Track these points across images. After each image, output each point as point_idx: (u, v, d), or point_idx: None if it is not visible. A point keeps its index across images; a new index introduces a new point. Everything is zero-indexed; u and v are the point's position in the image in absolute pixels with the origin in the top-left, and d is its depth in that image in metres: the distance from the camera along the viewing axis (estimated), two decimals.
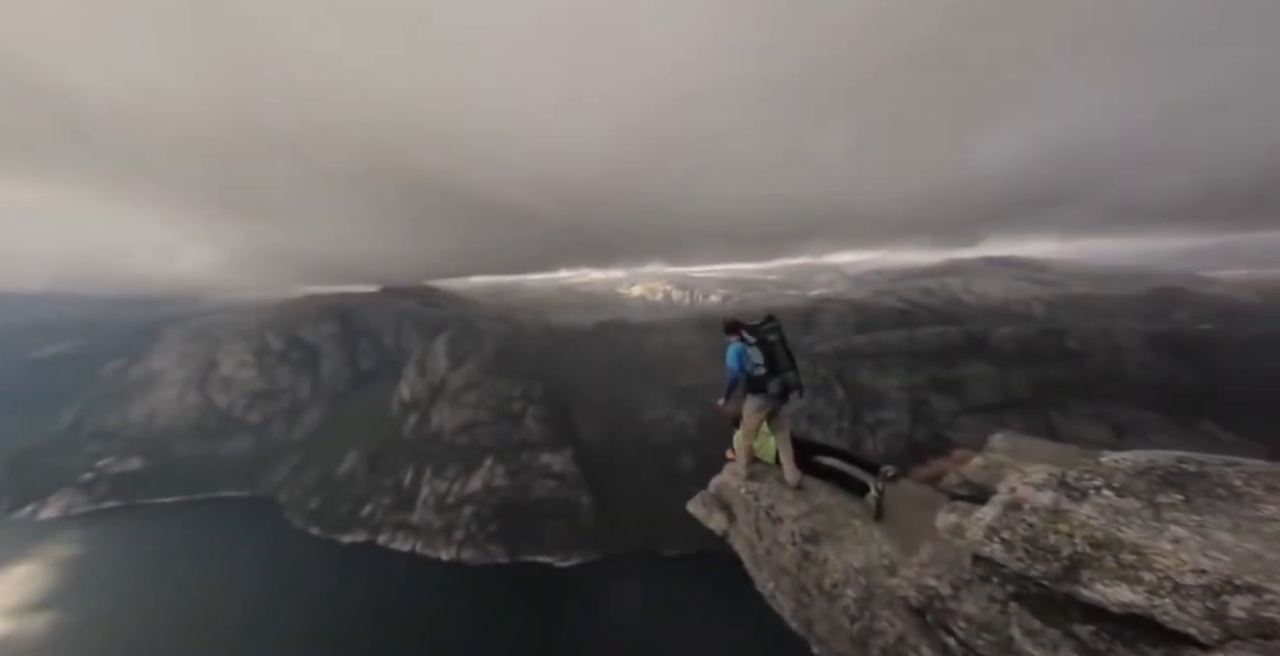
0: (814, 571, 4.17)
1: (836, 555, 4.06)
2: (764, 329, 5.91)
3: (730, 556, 28.34)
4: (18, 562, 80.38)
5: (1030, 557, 2.50)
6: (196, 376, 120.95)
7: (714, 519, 6.01)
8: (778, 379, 5.51)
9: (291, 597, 70.63)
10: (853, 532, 4.38)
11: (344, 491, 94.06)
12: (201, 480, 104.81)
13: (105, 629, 65.03)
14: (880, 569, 3.81)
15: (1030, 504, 2.56)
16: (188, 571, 77.86)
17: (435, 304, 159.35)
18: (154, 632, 63.94)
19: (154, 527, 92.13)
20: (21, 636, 64.38)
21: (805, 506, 4.92)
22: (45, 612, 68.83)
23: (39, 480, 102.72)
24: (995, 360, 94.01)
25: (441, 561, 78.19)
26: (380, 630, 63.87)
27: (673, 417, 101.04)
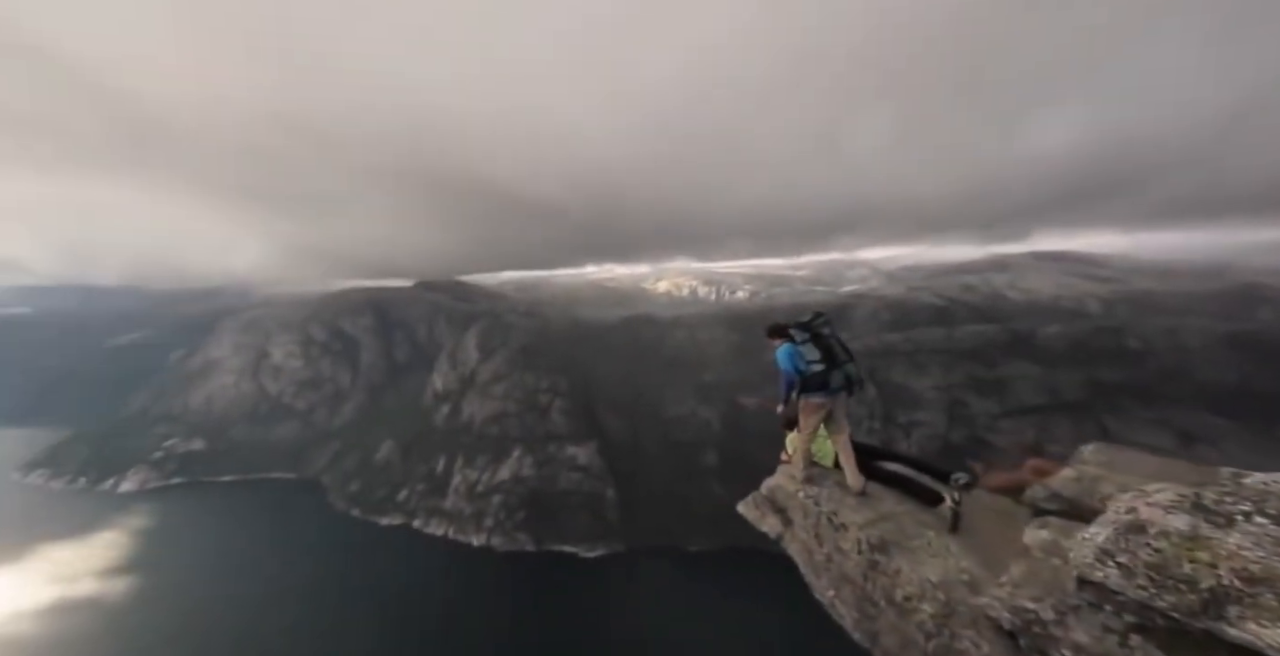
0: (883, 582, 3.98)
1: (911, 567, 3.85)
2: (816, 324, 5.76)
3: (758, 555, 28.27)
4: (103, 530, 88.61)
5: (1156, 587, 2.23)
6: (250, 365, 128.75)
7: (767, 521, 5.74)
8: (839, 371, 5.36)
9: (336, 574, 74.90)
10: (926, 544, 4.16)
11: (381, 477, 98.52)
12: (255, 461, 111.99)
13: (177, 593, 71.08)
14: (960, 584, 3.57)
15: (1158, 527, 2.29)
16: (244, 545, 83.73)
17: (466, 298, 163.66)
18: (216, 599, 69.32)
19: (215, 504, 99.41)
20: (109, 596, 71.16)
21: (871, 514, 4.72)
22: (127, 576, 75.64)
23: (118, 457, 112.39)
24: (1041, 360, 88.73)
25: (472, 546, 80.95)
26: (414, 608, 66.93)
27: (697, 413, 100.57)
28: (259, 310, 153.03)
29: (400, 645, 60.42)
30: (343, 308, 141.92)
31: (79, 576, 75.15)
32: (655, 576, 73.79)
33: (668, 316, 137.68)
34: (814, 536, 4.92)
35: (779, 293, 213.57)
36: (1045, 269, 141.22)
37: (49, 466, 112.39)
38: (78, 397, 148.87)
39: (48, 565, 78.29)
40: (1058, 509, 4.05)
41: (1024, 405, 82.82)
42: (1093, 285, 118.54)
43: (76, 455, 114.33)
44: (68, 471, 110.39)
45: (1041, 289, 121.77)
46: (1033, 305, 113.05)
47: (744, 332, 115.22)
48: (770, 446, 34.42)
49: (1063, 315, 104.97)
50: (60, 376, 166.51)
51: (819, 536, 4.85)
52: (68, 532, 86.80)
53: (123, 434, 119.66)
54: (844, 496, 5.10)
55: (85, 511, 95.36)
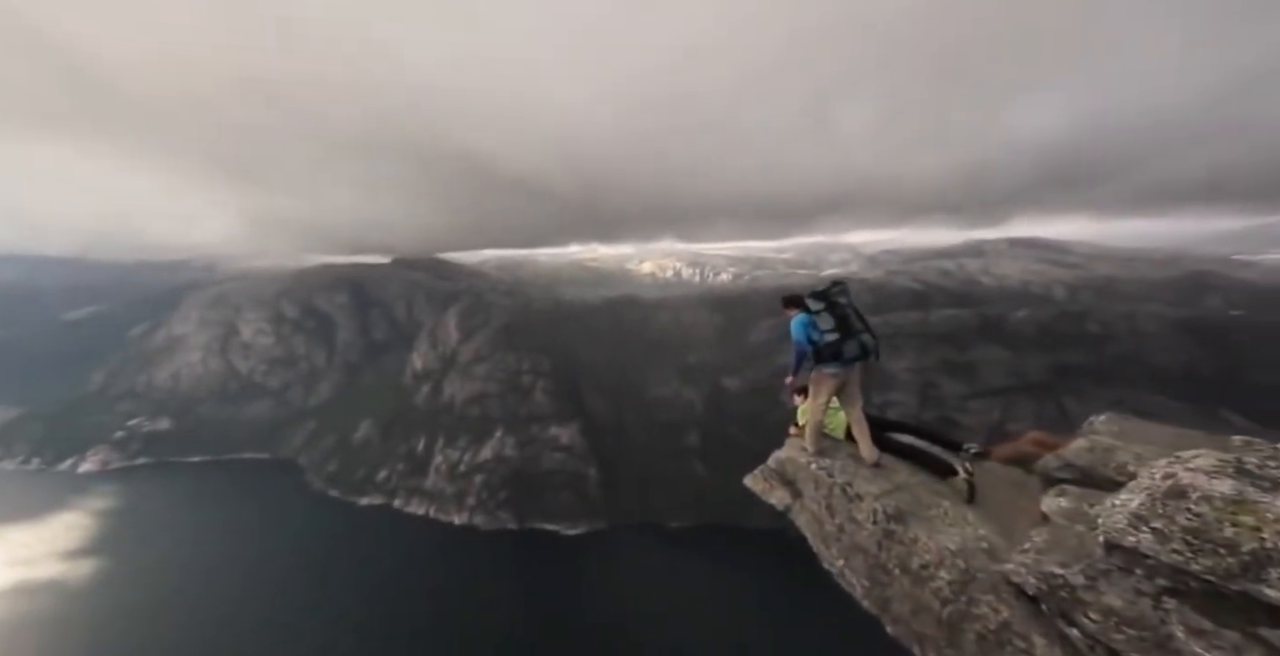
0: (898, 551, 4.04)
1: (928, 536, 3.89)
2: (833, 292, 5.60)
3: (736, 531, 29.04)
4: (62, 511, 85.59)
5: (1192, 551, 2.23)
6: (217, 342, 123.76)
7: (775, 494, 5.71)
8: (854, 341, 5.25)
9: (312, 555, 74.49)
10: (943, 513, 4.22)
11: (360, 457, 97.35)
12: (226, 441, 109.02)
13: (142, 576, 69.54)
14: (980, 552, 3.63)
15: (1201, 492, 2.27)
16: (215, 527, 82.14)
17: (446, 276, 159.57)
18: (184, 582, 68.19)
19: (183, 485, 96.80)
20: (72, 578, 69.24)
21: (886, 484, 4.76)
22: (91, 558, 73.62)
23: (77, 436, 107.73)
24: (1010, 343, 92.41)
25: (454, 525, 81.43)
26: (395, 587, 67.36)
27: (680, 394, 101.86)
28: (227, 285, 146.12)
29: (382, 624, 61.02)
30: (317, 284, 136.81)
31: (38, 559, 72.79)
32: (636, 552, 75.85)
33: (652, 297, 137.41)
34: (825, 507, 4.93)
35: (762, 275, 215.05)
36: (1018, 255, 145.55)
37: (0, 446, 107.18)
38: (29, 374, 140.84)
39: (4, 547, 75.49)
40: (1071, 478, 4.12)
41: (991, 387, 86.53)
42: (1060, 271, 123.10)
43: (29, 434, 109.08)
44: (20, 451, 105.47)
45: (1013, 274, 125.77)
46: (1004, 290, 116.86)
47: (727, 314, 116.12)
48: (751, 427, 35.71)
49: (1031, 300, 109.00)
50: (9, 351, 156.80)
51: (830, 507, 4.86)
52: (23, 514, 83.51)
53: (81, 412, 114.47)
54: (858, 468, 5.13)
55: (41, 492, 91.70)
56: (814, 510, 5.10)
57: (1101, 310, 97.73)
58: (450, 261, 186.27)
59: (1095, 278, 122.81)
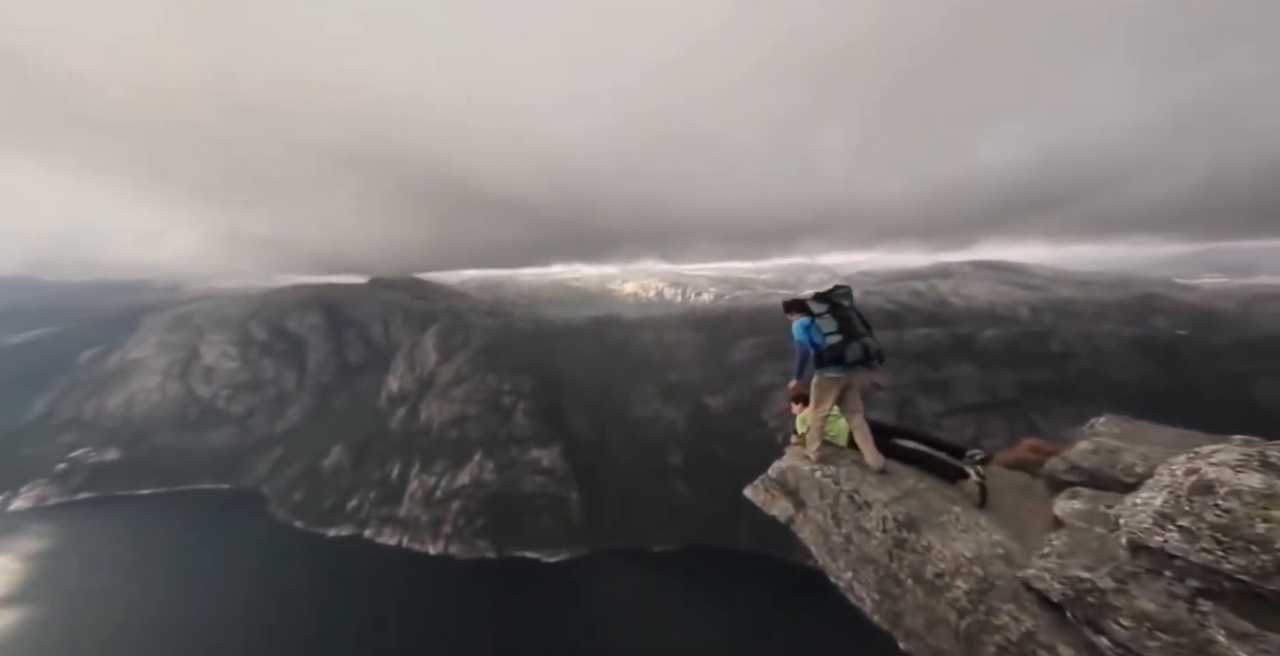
0: (911, 560, 3.86)
1: (942, 543, 3.74)
2: (836, 294, 5.54)
3: (721, 553, 28.27)
4: None
5: (1223, 549, 2.18)
6: (177, 366, 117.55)
7: (777, 505, 5.47)
8: (856, 343, 5.16)
9: (274, 591, 69.17)
10: (954, 519, 4.08)
11: (329, 484, 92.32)
12: (182, 472, 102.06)
13: (73, 625, 62.92)
14: (996, 558, 3.49)
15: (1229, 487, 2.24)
16: (165, 565, 75.77)
17: (425, 297, 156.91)
18: (126, 629, 62.02)
19: (131, 520, 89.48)
20: None
21: (894, 491, 4.61)
22: (16, 607, 66.47)
23: (10, 470, 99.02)
24: (980, 362, 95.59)
25: (429, 555, 77.28)
26: (367, 624, 62.88)
27: (662, 414, 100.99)
28: (189, 306, 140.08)
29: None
30: (288, 305, 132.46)
31: None
32: (619, 578, 73.18)
33: (634, 317, 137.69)
34: (831, 517, 4.75)
35: (743, 295, 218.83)
36: (984, 277, 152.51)
37: None
38: None
39: None
40: (1079, 480, 4.08)
41: (965, 404, 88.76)
42: (1023, 292, 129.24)
43: None
44: None
45: (980, 295, 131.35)
46: (972, 310, 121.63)
47: (709, 334, 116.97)
48: (734, 446, 35.44)
49: (998, 320, 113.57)
50: None
51: (837, 517, 4.69)
52: None
53: (17, 443, 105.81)
54: (864, 474, 5.00)
55: None
56: (819, 520, 4.90)
57: (1062, 329, 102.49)
58: (429, 281, 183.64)
59: (1056, 299, 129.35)
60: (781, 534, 29.72)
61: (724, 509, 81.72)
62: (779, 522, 24.66)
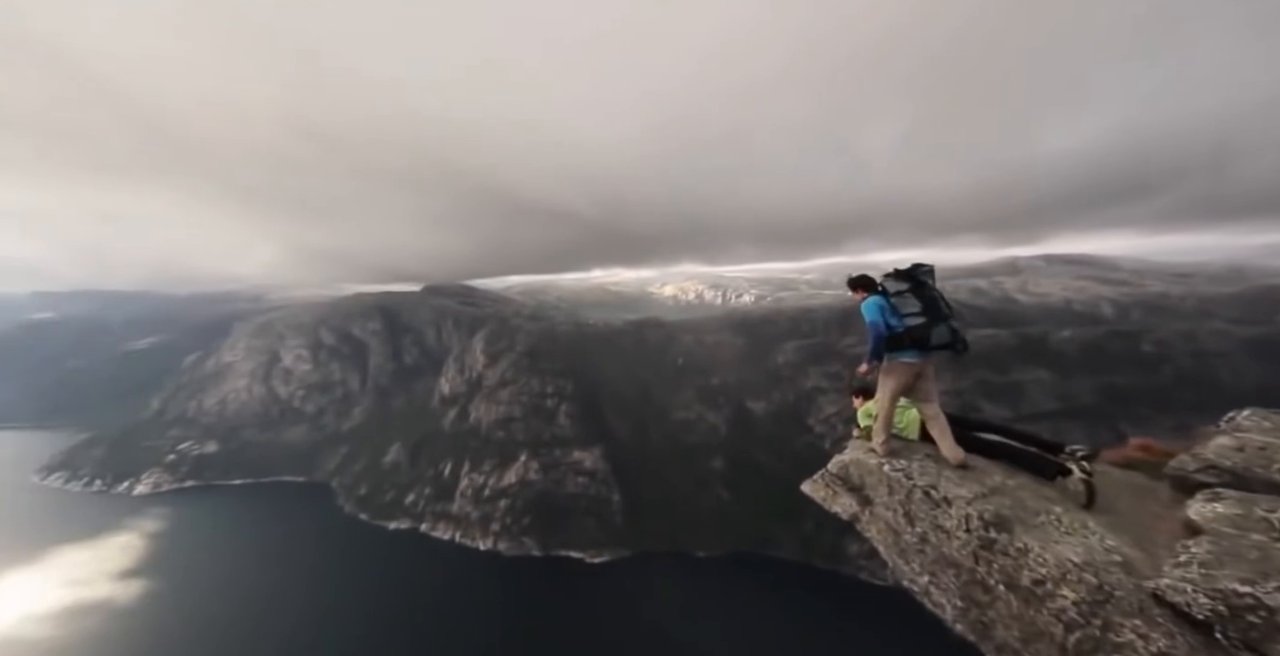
0: (1002, 564, 3.46)
1: (1042, 546, 3.32)
2: (920, 272, 5.01)
3: (764, 560, 27.94)
4: (117, 532, 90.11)
5: None
6: (261, 369, 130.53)
7: (838, 502, 5.10)
8: (942, 326, 4.67)
9: (344, 579, 75.31)
10: (1054, 520, 3.64)
11: (389, 480, 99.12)
12: (266, 464, 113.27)
13: (185, 597, 71.88)
14: (1114, 566, 3.06)
15: None
16: (253, 549, 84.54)
17: (473, 302, 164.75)
18: (225, 603, 70.01)
19: (227, 507, 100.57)
20: (120, 599, 72.23)
21: (978, 487, 4.15)
22: (139, 579, 76.69)
23: (133, 459, 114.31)
24: (1054, 365, 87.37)
25: (479, 551, 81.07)
26: (421, 613, 66.99)
27: (703, 418, 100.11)
28: (271, 314, 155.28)
29: (407, 650, 60.50)
30: (352, 312, 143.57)
31: (93, 579, 76.43)
32: (661, 582, 73.28)
33: (674, 320, 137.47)
34: (903, 515, 4.32)
35: (786, 296, 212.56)
36: (1057, 272, 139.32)
37: (67, 469, 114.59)
38: (96, 400, 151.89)
39: (63, 568, 79.69)
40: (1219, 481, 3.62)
41: (1037, 410, 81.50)
42: (1106, 288, 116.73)
43: (93, 458, 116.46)
44: (85, 474, 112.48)
45: (1053, 292, 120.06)
46: (1044, 309, 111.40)
47: (750, 337, 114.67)
48: (777, 452, 34.79)
49: (1075, 319, 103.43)
50: (80, 380, 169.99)
51: (910, 515, 4.26)
52: (83, 535, 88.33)
53: (138, 437, 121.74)
54: (940, 469, 4.51)
55: (101, 514, 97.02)
56: (888, 518, 4.48)
57: (1156, 328, 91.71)
58: (477, 288, 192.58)
59: (1147, 294, 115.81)
60: (829, 544, 29.74)
61: (767, 516, 79.83)
62: (825, 532, 24.68)
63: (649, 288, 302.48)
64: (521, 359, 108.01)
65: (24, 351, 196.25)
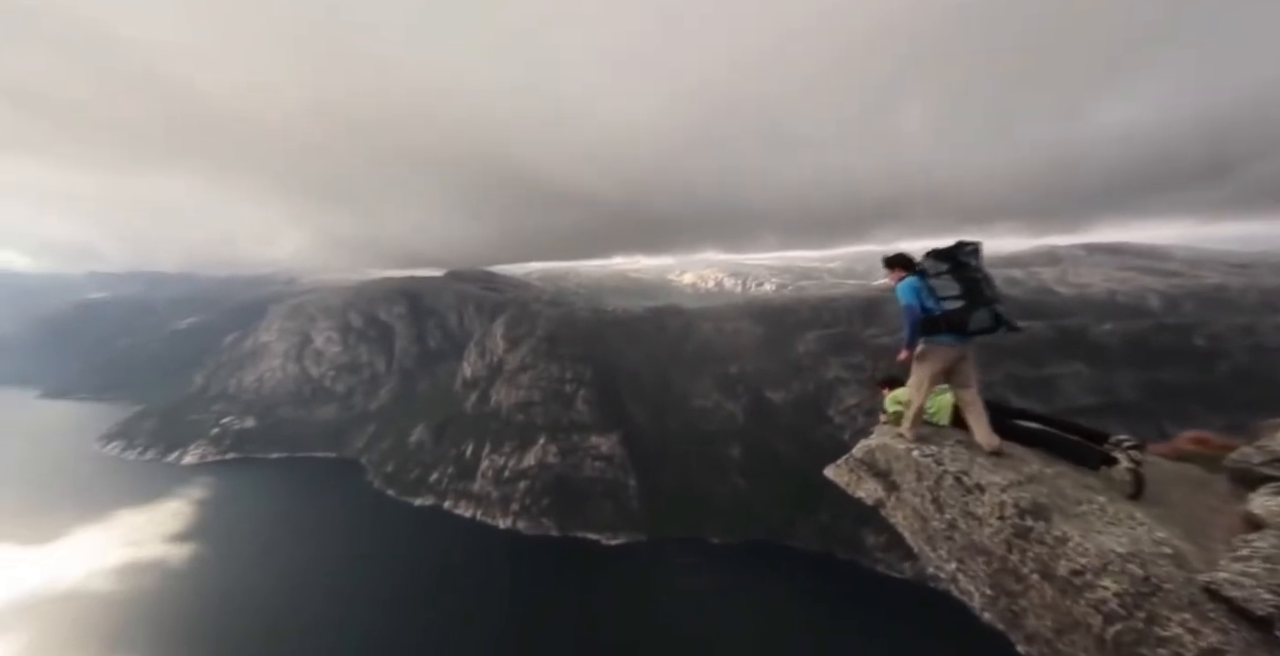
0: (1038, 552, 3.38)
1: (1082, 535, 3.23)
2: (962, 252, 4.74)
3: (778, 550, 27.89)
4: (168, 499, 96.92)
5: None
6: (294, 349, 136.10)
7: (863, 487, 5.05)
8: (985, 310, 4.49)
9: (371, 551, 79.24)
10: (1098, 509, 3.52)
11: (414, 459, 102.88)
12: (300, 440, 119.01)
13: (228, 560, 77.13)
14: (1162, 558, 2.97)
15: None
16: (288, 519, 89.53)
17: (495, 288, 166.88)
18: (262, 568, 74.77)
19: (265, 479, 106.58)
20: (171, 560, 78.15)
21: (1014, 474, 4.05)
22: (187, 543, 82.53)
23: (182, 431, 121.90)
24: (1093, 359, 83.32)
25: (499, 529, 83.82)
26: (443, 586, 70.05)
27: (721, 406, 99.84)
28: (302, 297, 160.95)
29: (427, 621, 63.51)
30: (378, 296, 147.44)
31: (148, 541, 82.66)
32: (677, 566, 74.48)
33: (693, 308, 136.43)
34: (931, 501, 4.25)
35: (808, 285, 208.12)
36: (1100, 262, 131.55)
37: (124, 438, 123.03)
38: (146, 376, 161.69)
39: (123, 529, 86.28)
40: None
41: (1072, 405, 78.15)
42: (1154, 279, 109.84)
43: (146, 429, 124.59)
44: (139, 443, 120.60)
45: (1095, 283, 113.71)
46: (1084, 300, 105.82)
47: (771, 325, 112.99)
48: (796, 442, 34.35)
49: (1118, 311, 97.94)
50: (131, 357, 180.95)
51: (939, 501, 4.18)
52: (139, 500, 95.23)
53: (185, 411, 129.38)
54: (973, 455, 4.41)
55: (154, 481, 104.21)
56: (915, 505, 4.42)
57: (1210, 322, 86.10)
58: (499, 273, 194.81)
59: (1200, 286, 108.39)
60: (846, 535, 29.42)
61: (784, 505, 79.70)
62: (843, 523, 24.44)
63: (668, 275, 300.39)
64: (541, 344, 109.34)
65: (82, 329, 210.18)
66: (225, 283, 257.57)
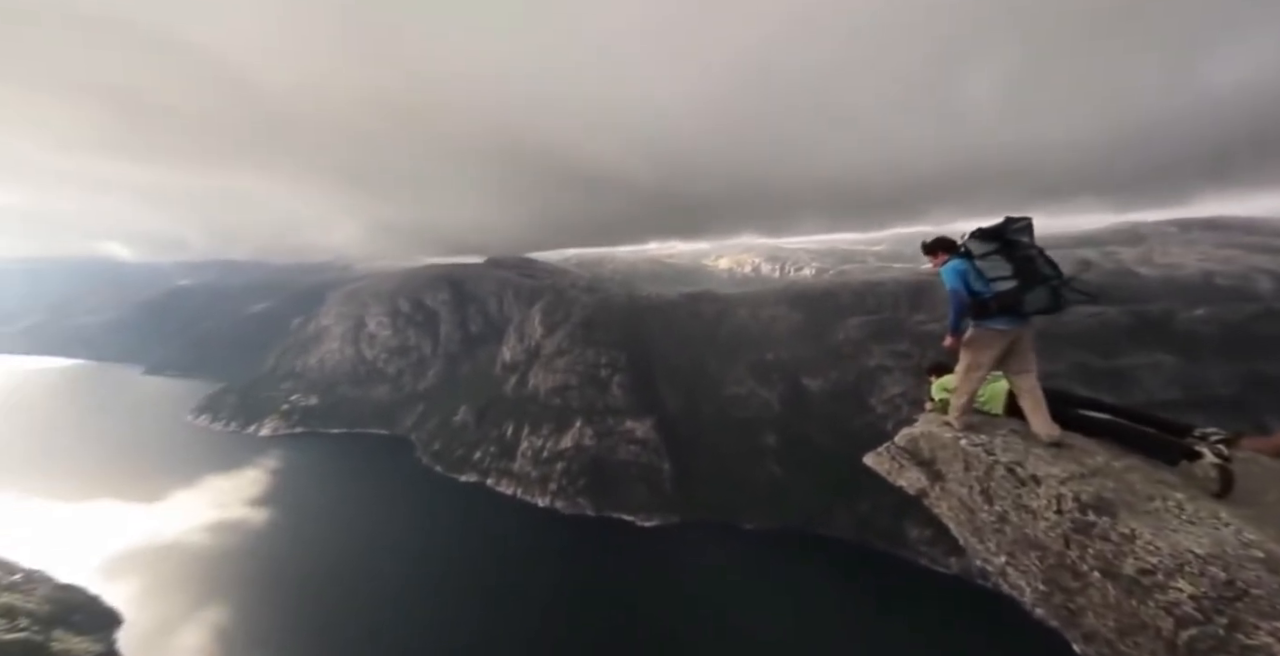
0: (1101, 548, 3.19)
1: (1154, 533, 3.01)
2: (1012, 229, 4.45)
3: (813, 537, 27.52)
4: (248, 467, 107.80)
5: None
6: (350, 333, 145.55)
7: (904, 476, 4.85)
8: (1041, 289, 4.18)
9: (420, 523, 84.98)
10: (1174, 506, 3.28)
11: (459, 438, 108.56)
12: (357, 417, 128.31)
13: (298, 524, 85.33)
14: (1251, 562, 2.73)
15: None
16: (349, 490, 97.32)
17: (532, 274, 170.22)
18: (327, 534, 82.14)
19: (328, 452, 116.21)
20: (252, 521, 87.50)
21: (1075, 467, 3.79)
22: (265, 506, 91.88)
23: (258, 407, 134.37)
24: (1179, 348, 75.08)
25: (538, 507, 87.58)
26: (484, 558, 74.29)
27: (756, 393, 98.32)
28: (357, 283, 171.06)
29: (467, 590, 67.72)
30: (424, 282, 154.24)
31: (232, 503, 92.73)
32: (710, 549, 75.37)
33: (729, 293, 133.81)
34: (980, 492, 4.04)
35: (850, 269, 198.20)
36: (1195, 239, 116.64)
37: (210, 412, 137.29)
38: (225, 356, 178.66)
39: (212, 493, 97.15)
40: None
41: (1150, 399, 71.11)
42: (1265, 258, 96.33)
43: (229, 404, 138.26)
44: (223, 417, 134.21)
45: (1186, 264, 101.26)
46: (1171, 283, 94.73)
47: (809, 311, 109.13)
48: (833, 431, 33.43)
49: (1215, 295, 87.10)
50: (212, 338, 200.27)
51: (988, 492, 3.97)
52: (225, 467, 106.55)
53: (260, 388, 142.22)
54: (1028, 446, 4.13)
55: (236, 451, 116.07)
56: (962, 495, 4.23)
57: None
58: (536, 260, 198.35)
59: None
60: (886, 526, 28.67)
61: (821, 494, 78.25)
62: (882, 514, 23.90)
63: (704, 260, 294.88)
64: (577, 330, 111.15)
65: (172, 312, 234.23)
66: (289, 270, 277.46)
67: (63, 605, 52.22)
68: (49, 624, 48.08)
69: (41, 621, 47.56)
